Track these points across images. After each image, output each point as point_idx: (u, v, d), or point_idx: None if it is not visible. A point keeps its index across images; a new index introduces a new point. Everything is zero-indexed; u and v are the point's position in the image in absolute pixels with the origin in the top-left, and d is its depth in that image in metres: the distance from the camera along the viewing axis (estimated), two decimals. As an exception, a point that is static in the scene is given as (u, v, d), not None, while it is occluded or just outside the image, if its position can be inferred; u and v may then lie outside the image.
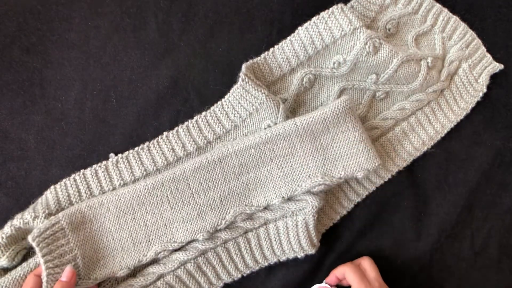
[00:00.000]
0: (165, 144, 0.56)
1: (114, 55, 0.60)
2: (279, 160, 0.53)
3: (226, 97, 0.58)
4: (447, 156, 0.62)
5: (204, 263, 0.54)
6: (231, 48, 0.62)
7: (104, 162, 0.55)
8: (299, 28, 0.58)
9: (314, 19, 0.58)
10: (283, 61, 0.58)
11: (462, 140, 0.62)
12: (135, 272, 0.53)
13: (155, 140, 0.56)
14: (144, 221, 0.51)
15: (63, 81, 0.59)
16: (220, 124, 0.57)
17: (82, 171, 0.55)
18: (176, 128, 0.57)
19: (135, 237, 0.51)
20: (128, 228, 0.51)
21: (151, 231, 0.51)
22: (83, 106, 0.59)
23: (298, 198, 0.54)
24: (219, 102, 0.58)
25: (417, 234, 0.60)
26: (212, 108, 0.58)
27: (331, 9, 0.57)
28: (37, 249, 0.47)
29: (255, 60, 0.58)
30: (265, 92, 0.55)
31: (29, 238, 0.47)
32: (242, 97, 0.56)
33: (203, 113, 0.58)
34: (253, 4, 0.63)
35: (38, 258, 0.48)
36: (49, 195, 0.53)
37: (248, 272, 0.57)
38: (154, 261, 0.53)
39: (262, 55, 0.58)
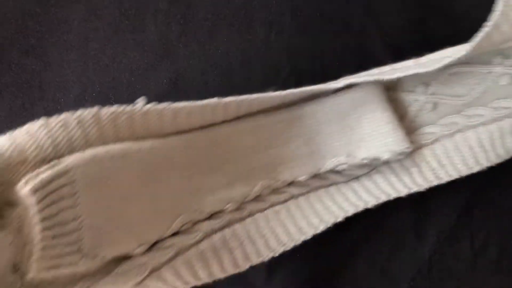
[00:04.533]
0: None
1: (113, 57, 0.60)
2: (306, 138, 0.51)
3: None
4: (447, 157, 0.62)
5: (230, 236, 0.46)
6: (230, 49, 0.61)
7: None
8: None
9: None
10: None
11: (462, 141, 0.62)
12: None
13: (154, 142, 0.55)
14: (171, 186, 0.40)
15: (62, 83, 0.59)
16: None
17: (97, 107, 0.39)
18: (175, 130, 0.57)
19: (157, 205, 0.40)
20: (150, 193, 0.39)
21: (177, 198, 0.41)
22: (82, 108, 0.59)
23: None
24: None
25: (415, 235, 0.60)
26: None
27: None
28: (33, 209, 0.31)
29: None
30: None
31: (25, 189, 0.31)
32: None
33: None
34: (252, 6, 0.63)
35: (28, 221, 0.30)
36: (41, 132, 0.36)
37: (281, 250, 0.48)
38: (175, 233, 0.44)
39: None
